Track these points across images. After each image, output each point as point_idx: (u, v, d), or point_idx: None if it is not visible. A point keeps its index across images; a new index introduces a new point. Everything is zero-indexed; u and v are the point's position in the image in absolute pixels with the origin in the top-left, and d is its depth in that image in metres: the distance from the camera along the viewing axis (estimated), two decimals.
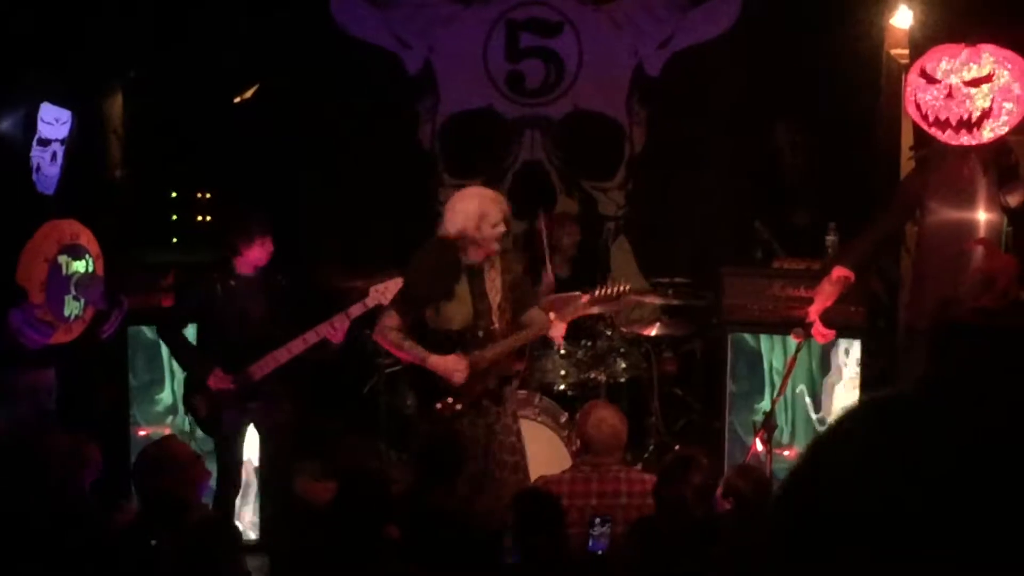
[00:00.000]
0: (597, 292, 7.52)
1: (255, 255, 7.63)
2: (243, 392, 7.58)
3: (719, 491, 6.01)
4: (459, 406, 7.22)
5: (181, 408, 8.04)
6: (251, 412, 7.68)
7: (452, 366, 7.16)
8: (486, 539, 5.47)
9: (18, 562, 4.85)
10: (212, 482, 7.39)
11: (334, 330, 7.47)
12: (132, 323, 8.20)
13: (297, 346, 7.51)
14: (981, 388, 1.49)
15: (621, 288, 7.53)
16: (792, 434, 8.33)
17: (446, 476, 6.32)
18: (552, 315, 7.37)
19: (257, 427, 7.86)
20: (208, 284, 7.63)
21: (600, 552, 5.92)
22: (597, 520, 5.96)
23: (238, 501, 7.97)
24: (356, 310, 7.43)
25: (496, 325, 7.27)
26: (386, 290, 7.35)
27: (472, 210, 7.14)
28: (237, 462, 7.88)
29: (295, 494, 6.54)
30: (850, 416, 1.59)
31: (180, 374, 8.13)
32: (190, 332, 7.84)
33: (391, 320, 7.27)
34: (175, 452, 6.07)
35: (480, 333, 7.25)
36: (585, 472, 6.85)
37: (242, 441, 7.90)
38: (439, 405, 7.22)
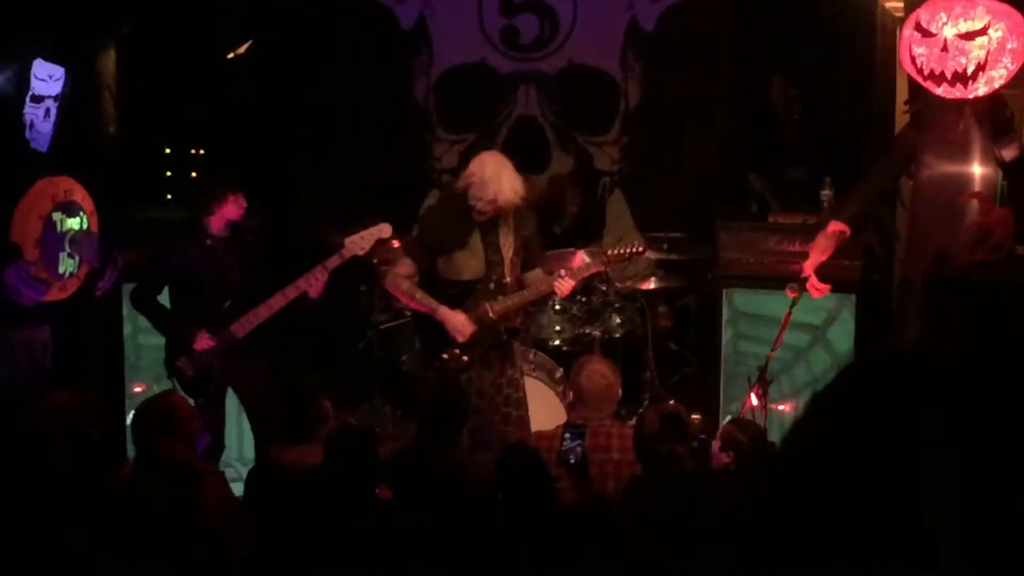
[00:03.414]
0: (610, 252, 7.52)
1: (229, 211, 7.62)
2: (227, 351, 7.58)
3: (716, 444, 6.01)
4: (466, 358, 7.26)
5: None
6: (234, 370, 7.68)
7: (459, 324, 7.20)
8: (484, 496, 5.47)
9: (20, 517, 4.86)
10: None
11: (313, 282, 7.48)
12: (127, 280, 8.19)
13: (277, 302, 7.52)
14: (968, 353, 1.49)
15: (634, 249, 7.53)
16: None
17: (447, 433, 6.32)
18: (562, 271, 7.38)
19: (239, 385, 7.86)
20: (184, 248, 7.62)
21: (572, 461, 5.93)
22: (567, 435, 5.97)
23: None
24: (333, 262, 7.45)
25: (507, 279, 7.31)
26: (361, 240, 7.37)
27: (466, 175, 7.25)
28: (221, 422, 7.89)
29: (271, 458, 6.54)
30: (842, 381, 1.60)
31: None
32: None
33: (404, 268, 7.32)
34: (174, 407, 6.07)
35: (491, 285, 7.29)
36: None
37: (224, 402, 7.92)
38: (445, 355, 7.25)
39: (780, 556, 1.53)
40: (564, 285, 7.33)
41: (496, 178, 7.19)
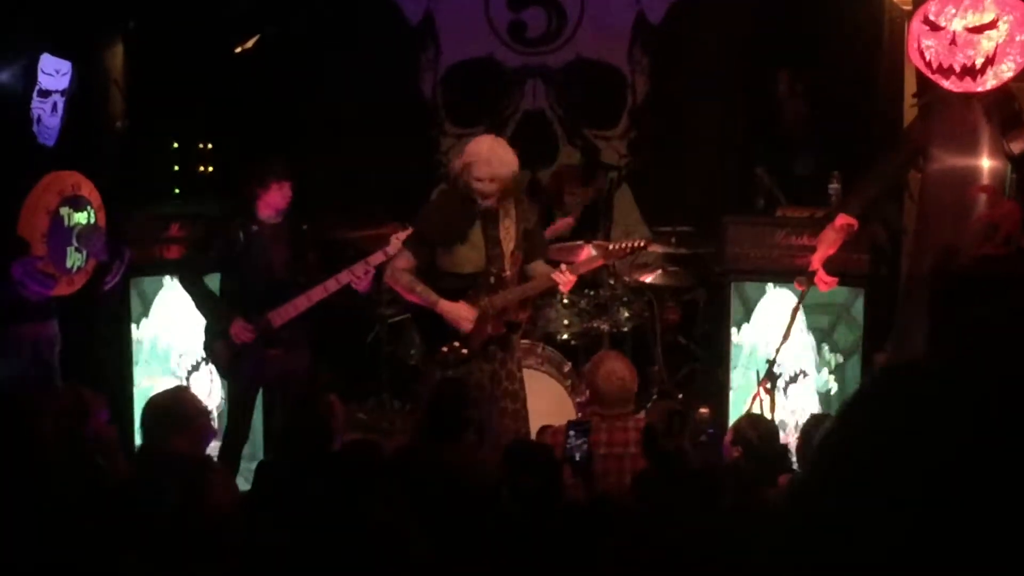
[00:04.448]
0: (612, 247, 7.50)
1: (273, 199, 7.63)
2: (263, 339, 7.59)
3: (727, 439, 6.01)
4: (465, 351, 7.24)
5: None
6: (270, 359, 7.69)
7: (462, 314, 7.18)
8: (486, 492, 5.47)
9: (18, 515, 4.86)
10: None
11: (358, 279, 7.48)
12: (134, 274, 8.19)
13: (317, 294, 7.53)
14: (989, 359, 1.49)
15: (636, 244, 7.51)
16: None
17: (452, 430, 6.31)
18: (563, 266, 7.37)
19: (274, 375, 7.86)
20: (230, 231, 7.64)
21: (577, 459, 5.91)
22: (572, 432, 5.96)
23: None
24: (376, 258, 7.44)
25: (508, 272, 7.29)
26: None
27: (465, 155, 7.18)
28: (249, 411, 7.91)
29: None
30: (869, 391, 1.60)
31: None
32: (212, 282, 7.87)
33: (403, 262, 7.28)
34: (184, 404, 6.07)
35: (492, 279, 7.27)
36: (594, 423, 6.84)
37: (257, 391, 7.93)
38: (445, 349, 7.24)
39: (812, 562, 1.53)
40: (565, 279, 7.32)
41: (495, 153, 7.15)
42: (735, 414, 7.73)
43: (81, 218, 7.36)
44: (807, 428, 6.49)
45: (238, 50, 10.14)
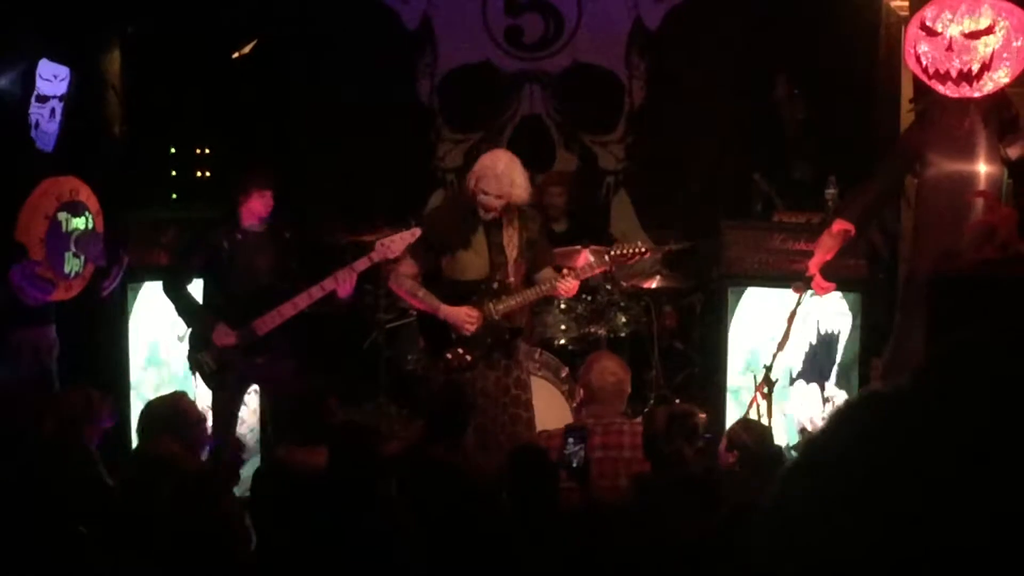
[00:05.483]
0: (613, 252, 7.51)
1: (254, 207, 7.62)
2: (248, 347, 7.58)
3: (723, 444, 6.01)
4: (469, 357, 7.25)
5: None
6: (256, 368, 7.68)
7: (464, 317, 7.19)
8: (488, 495, 5.47)
9: (17, 518, 4.86)
10: None
11: (340, 284, 7.46)
12: (132, 279, 8.19)
13: (302, 301, 7.51)
14: (975, 386, 1.49)
15: (638, 251, 7.52)
16: None
17: (452, 432, 6.32)
18: (565, 271, 7.37)
19: (261, 383, 7.87)
20: (213, 238, 7.63)
21: (575, 465, 5.91)
22: (571, 439, 5.96)
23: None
24: (362, 264, 7.44)
25: (511, 279, 7.31)
26: (392, 244, 7.36)
27: (476, 169, 7.20)
28: (233, 418, 7.88)
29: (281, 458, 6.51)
30: (847, 415, 1.59)
31: None
32: (195, 288, 7.85)
33: (407, 268, 7.31)
34: (183, 410, 6.08)
35: (495, 285, 7.28)
36: (588, 425, 6.84)
37: (242, 398, 7.92)
38: (449, 355, 7.25)
39: None
40: (568, 286, 7.32)
41: (508, 173, 7.19)
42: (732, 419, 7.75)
43: (79, 223, 7.38)
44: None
45: (235, 55, 10.15)
